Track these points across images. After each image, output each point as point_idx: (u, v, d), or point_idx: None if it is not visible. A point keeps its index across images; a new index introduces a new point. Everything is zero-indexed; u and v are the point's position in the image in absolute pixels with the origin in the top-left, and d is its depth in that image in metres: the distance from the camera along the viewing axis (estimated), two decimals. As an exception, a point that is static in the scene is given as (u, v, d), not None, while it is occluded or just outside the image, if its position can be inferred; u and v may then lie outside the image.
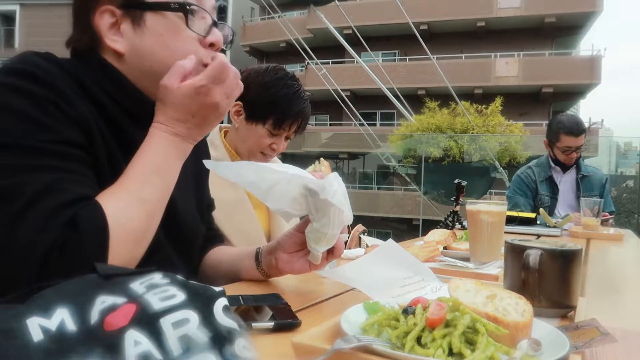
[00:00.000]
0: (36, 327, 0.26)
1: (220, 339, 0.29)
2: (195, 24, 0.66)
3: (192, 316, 0.29)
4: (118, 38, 0.65)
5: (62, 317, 0.27)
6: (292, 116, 1.18)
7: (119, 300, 0.28)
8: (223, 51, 0.69)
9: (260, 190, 0.67)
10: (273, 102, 1.16)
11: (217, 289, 0.33)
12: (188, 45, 0.65)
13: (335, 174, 0.68)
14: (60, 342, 0.26)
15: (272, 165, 0.66)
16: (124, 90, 0.66)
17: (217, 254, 0.87)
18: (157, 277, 0.31)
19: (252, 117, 1.19)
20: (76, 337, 0.26)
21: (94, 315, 0.27)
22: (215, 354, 0.28)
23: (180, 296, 0.30)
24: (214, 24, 0.67)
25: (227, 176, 0.66)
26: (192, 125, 0.64)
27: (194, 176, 0.82)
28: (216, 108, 0.63)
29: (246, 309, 0.59)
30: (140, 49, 0.65)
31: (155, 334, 0.27)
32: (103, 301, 0.28)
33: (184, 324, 0.28)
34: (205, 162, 0.67)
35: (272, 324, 0.55)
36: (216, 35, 0.67)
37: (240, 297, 0.62)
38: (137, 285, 0.30)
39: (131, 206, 0.58)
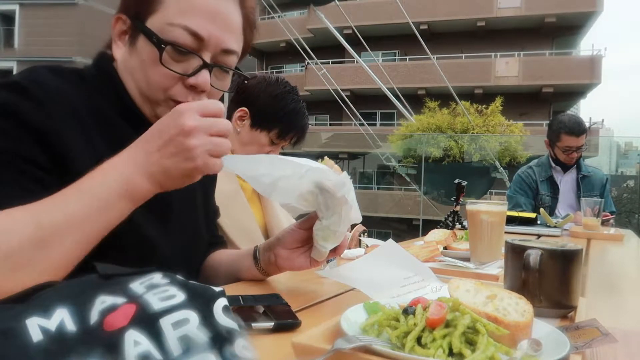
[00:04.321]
0: (35, 327, 0.26)
1: (220, 339, 0.29)
2: (179, 61, 0.63)
3: (192, 316, 0.28)
4: (121, 44, 0.68)
5: (61, 317, 0.27)
6: (296, 129, 1.25)
7: (118, 300, 0.28)
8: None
9: (263, 186, 0.66)
10: (281, 114, 1.22)
11: (217, 289, 0.33)
12: (165, 80, 0.64)
13: (345, 173, 0.68)
14: (60, 342, 0.26)
15: (289, 158, 0.66)
16: (119, 94, 0.67)
17: (217, 257, 0.87)
18: (157, 277, 0.31)
19: (258, 124, 1.24)
20: (76, 337, 0.26)
21: (94, 316, 0.28)
22: (215, 354, 0.28)
23: (180, 296, 0.30)
24: (206, 66, 0.64)
25: (233, 169, 0.66)
26: (155, 159, 0.54)
27: (202, 186, 0.82)
28: (188, 152, 0.53)
29: (246, 309, 0.59)
30: (128, 66, 0.67)
31: (155, 334, 0.27)
32: (103, 301, 0.28)
33: (183, 324, 0.28)
34: None
35: (272, 324, 0.55)
36: (198, 79, 0.64)
37: (240, 297, 0.62)
38: (137, 286, 0.30)
39: (17, 226, 0.49)
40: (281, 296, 0.64)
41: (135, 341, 0.26)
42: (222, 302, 0.31)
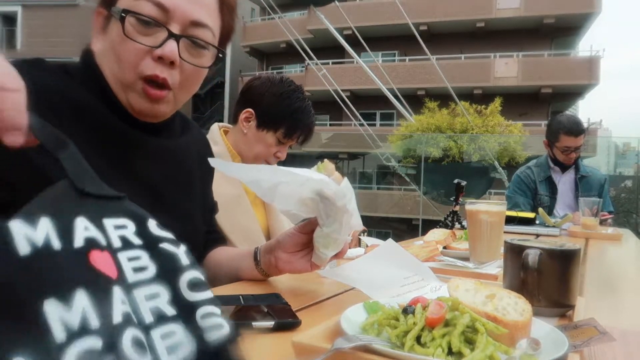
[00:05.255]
0: (22, 237, 0.22)
1: (187, 312, 0.30)
2: (145, 34, 0.63)
3: (162, 291, 0.30)
4: (99, 36, 0.68)
5: (47, 231, 0.24)
6: (302, 128, 1.24)
7: (100, 238, 0.28)
8: (172, 63, 0.63)
9: (263, 190, 0.67)
10: (287, 113, 1.22)
11: (185, 261, 0.33)
12: (133, 56, 0.64)
13: (346, 179, 0.68)
14: (48, 261, 0.23)
15: (289, 169, 0.65)
16: (100, 86, 0.67)
17: (217, 255, 0.87)
18: (130, 228, 0.30)
19: (264, 124, 1.23)
20: (63, 257, 0.24)
21: (78, 240, 0.26)
22: (181, 324, 0.29)
23: (151, 269, 0.30)
24: (172, 36, 0.64)
25: (233, 174, 0.66)
26: None
27: (199, 179, 0.82)
28: None
29: (246, 309, 0.59)
30: (103, 53, 0.67)
31: (133, 303, 0.28)
32: (85, 227, 0.27)
33: (155, 298, 0.29)
34: (212, 160, 0.65)
35: (272, 323, 0.55)
36: (165, 49, 0.63)
37: (240, 296, 0.62)
38: (112, 229, 0.29)
39: None
40: (281, 296, 0.64)
41: (122, 300, 0.26)
42: (188, 275, 0.32)
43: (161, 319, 0.28)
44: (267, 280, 0.81)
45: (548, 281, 0.63)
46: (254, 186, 0.67)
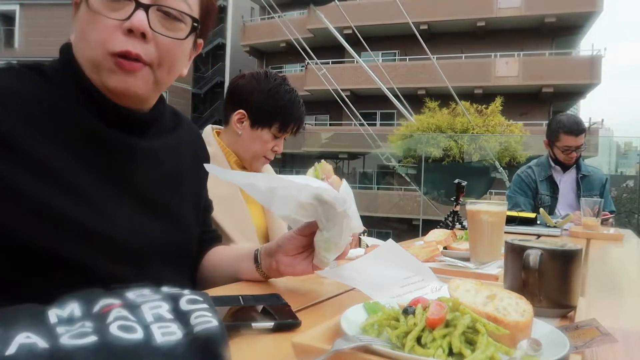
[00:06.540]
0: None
1: (182, 315, 0.37)
2: (113, 9, 0.61)
3: (164, 304, 0.38)
4: (74, 25, 0.66)
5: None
6: (294, 119, 1.24)
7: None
8: (144, 35, 0.61)
9: (261, 194, 0.66)
10: (278, 108, 1.22)
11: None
12: (101, 32, 0.61)
13: (345, 182, 0.68)
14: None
15: (286, 177, 0.65)
16: (78, 81, 0.65)
17: (215, 256, 0.86)
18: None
19: (258, 123, 1.23)
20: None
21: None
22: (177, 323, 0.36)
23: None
24: (141, 6, 0.61)
25: (229, 179, 0.66)
26: None
27: (192, 178, 0.81)
28: None
29: (246, 309, 0.59)
30: (75, 39, 0.65)
31: (136, 313, 0.36)
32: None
33: (157, 308, 0.37)
34: (207, 166, 0.64)
35: (272, 324, 0.55)
36: (133, 20, 0.60)
37: (240, 297, 0.62)
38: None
39: None
40: (281, 296, 0.64)
41: (118, 311, 0.36)
42: (187, 297, 0.39)
43: (160, 319, 0.36)
44: (267, 280, 0.80)
45: (549, 282, 0.62)
46: (251, 190, 0.66)
